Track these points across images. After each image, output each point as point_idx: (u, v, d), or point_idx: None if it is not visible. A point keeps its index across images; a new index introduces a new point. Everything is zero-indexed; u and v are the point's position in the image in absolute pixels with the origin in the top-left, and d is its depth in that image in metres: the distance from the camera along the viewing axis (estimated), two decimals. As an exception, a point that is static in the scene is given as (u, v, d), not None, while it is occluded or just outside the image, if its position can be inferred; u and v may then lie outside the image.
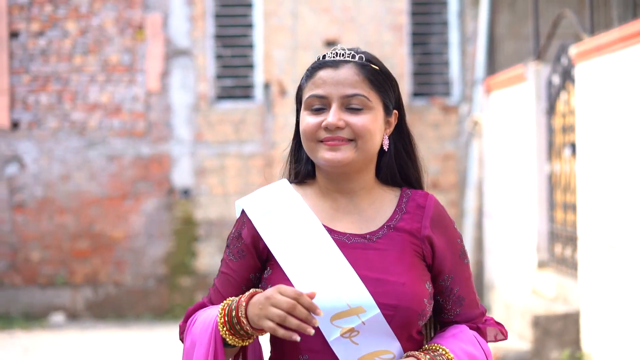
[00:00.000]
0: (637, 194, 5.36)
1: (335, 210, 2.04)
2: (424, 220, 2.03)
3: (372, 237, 2.01)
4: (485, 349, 2.03)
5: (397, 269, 1.96)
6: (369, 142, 1.97)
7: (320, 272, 1.94)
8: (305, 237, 2.00)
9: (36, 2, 9.50)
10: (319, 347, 1.93)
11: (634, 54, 5.40)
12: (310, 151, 2.00)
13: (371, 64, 2.01)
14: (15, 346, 8.26)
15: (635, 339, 5.42)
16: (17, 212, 9.56)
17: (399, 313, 1.93)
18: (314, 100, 1.97)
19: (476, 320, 2.07)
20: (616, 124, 5.68)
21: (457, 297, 2.05)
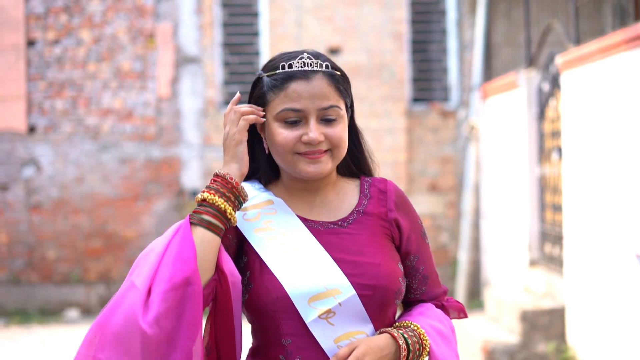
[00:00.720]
0: (618, 196, 5.59)
1: (303, 204, 2.06)
2: (389, 204, 2.07)
3: (343, 224, 2.03)
4: (451, 326, 2.07)
5: (371, 251, 1.99)
6: (343, 150, 2.00)
7: (296, 258, 1.95)
8: (280, 225, 2.00)
9: (52, 12, 9.50)
10: (299, 330, 1.93)
11: (611, 64, 5.63)
12: (288, 164, 1.99)
13: (336, 70, 2.00)
14: (32, 340, 8.28)
15: (615, 332, 5.62)
16: (34, 213, 9.54)
17: (377, 293, 1.95)
18: (289, 114, 1.95)
19: (440, 298, 2.11)
20: (598, 130, 5.88)
21: (422, 276, 2.08)
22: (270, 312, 1.93)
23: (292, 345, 1.94)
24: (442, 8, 9.71)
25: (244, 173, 1.97)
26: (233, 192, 1.93)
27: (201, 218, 1.90)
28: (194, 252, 1.85)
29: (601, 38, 5.92)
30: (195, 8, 9.51)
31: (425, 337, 1.97)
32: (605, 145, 5.75)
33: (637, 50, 5.25)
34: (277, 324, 1.94)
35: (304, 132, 1.96)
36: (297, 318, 1.93)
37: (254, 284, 1.95)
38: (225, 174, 1.94)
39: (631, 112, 5.31)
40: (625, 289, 5.46)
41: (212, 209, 1.91)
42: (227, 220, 1.92)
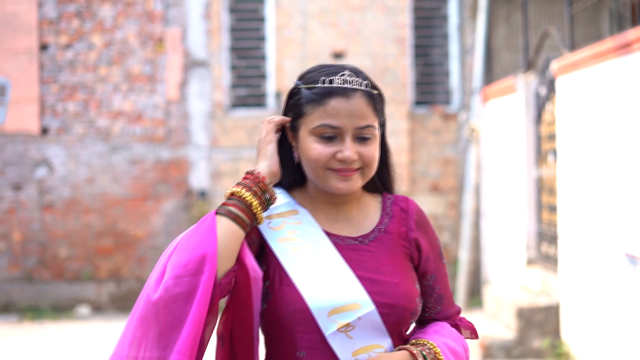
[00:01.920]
0: (610, 197, 5.78)
1: (326, 217, 2.04)
2: (410, 223, 2.06)
3: (364, 240, 2.02)
4: (465, 345, 2.06)
5: (390, 270, 1.98)
6: (374, 169, 2.00)
7: (318, 270, 1.94)
8: (304, 236, 2.00)
9: (64, 17, 9.61)
10: (315, 343, 1.92)
11: (603, 70, 5.83)
12: (319, 178, 1.98)
13: (374, 89, 1.99)
14: (45, 336, 8.41)
15: (607, 328, 5.81)
16: (46, 212, 9.63)
17: (394, 312, 1.94)
18: (326, 129, 1.94)
19: (453, 317, 2.10)
20: (591, 133, 6.07)
21: (438, 295, 2.07)
22: (287, 324, 1.92)
23: (307, 357, 1.93)
24: (444, 13, 9.83)
25: (273, 170, 1.97)
26: (260, 186, 1.93)
27: (228, 210, 1.91)
28: (214, 242, 1.86)
29: (593, 45, 6.09)
30: (203, 13, 9.61)
31: (440, 356, 1.96)
32: (598, 148, 5.93)
33: (627, 57, 5.43)
34: (293, 336, 1.92)
35: (338, 150, 1.94)
36: (313, 331, 1.92)
37: (272, 294, 1.94)
38: (253, 170, 1.96)
39: (622, 116, 5.49)
40: (616, 287, 5.64)
41: (239, 202, 1.92)
42: (253, 215, 1.92)
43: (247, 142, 9.67)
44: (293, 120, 2.00)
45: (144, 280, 9.54)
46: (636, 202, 5.25)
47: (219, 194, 9.69)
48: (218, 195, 9.70)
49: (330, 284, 1.93)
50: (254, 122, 9.68)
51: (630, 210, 5.34)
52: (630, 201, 5.35)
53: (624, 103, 5.45)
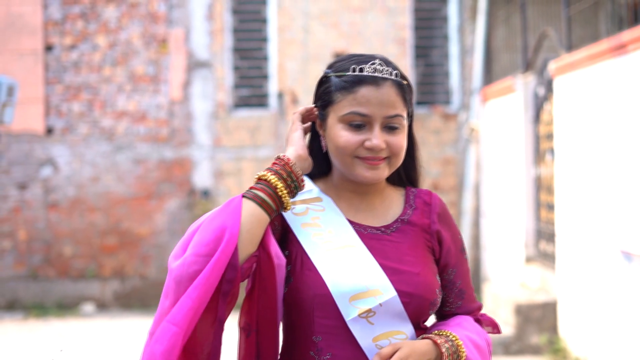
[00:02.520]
0: (605, 195, 5.89)
1: (349, 206, 2.04)
2: (432, 216, 2.05)
3: (386, 230, 2.01)
4: (487, 339, 2.04)
5: (411, 260, 1.98)
6: (401, 159, 2.00)
7: (340, 256, 1.94)
8: (327, 223, 2.00)
9: (69, 18, 9.69)
10: (331, 329, 1.92)
11: (599, 70, 5.94)
12: (346, 166, 1.97)
13: (403, 80, 1.98)
14: (50, 332, 8.47)
15: (604, 324, 5.92)
16: (51, 211, 9.70)
17: (413, 301, 1.93)
18: (355, 117, 1.94)
19: (474, 313, 2.09)
20: (587, 132, 6.18)
21: (459, 290, 2.06)
22: (306, 308, 1.92)
23: (323, 342, 1.93)
24: (444, 14, 9.93)
25: (299, 154, 1.95)
26: (286, 169, 1.92)
27: (255, 194, 1.90)
28: (236, 224, 1.85)
29: (590, 46, 6.21)
30: (206, 14, 9.70)
31: (462, 348, 1.95)
32: (595, 148, 6.04)
33: (622, 58, 5.54)
34: (311, 320, 1.92)
35: (367, 138, 1.94)
36: (331, 316, 1.92)
37: (293, 278, 1.94)
38: (280, 155, 1.96)
39: (618, 116, 5.60)
40: (612, 283, 5.75)
41: (267, 187, 1.91)
42: (279, 199, 1.91)
43: (249, 142, 9.76)
44: (322, 108, 2.00)
45: (147, 278, 9.72)
46: (632, 200, 5.36)
47: (222, 193, 9.76)
48: (221, 195, 9.77)
49: (352, 270, 1.92)
50: (256, 122, 9.77)
51: (626, 208, 5.45)
52: (625, 199, 5.46)
53: (620, 103, 5.55)
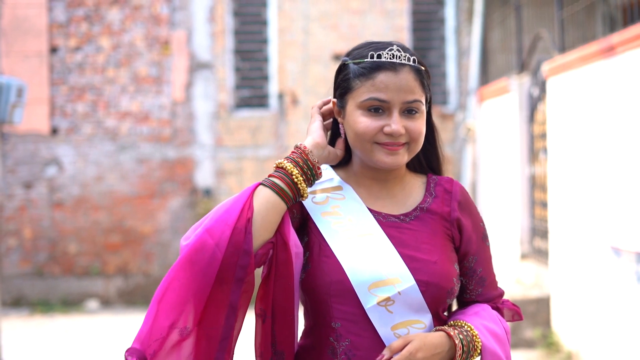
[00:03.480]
0: (596, 192, 6.03)
1: (369, 194, 2.03)
2: (453, 204, 2.02)
3: (405, 218, 1.99)
4: (506, 327, 2.02)
5: (429, 248, 1.95)
6: (420, 144, 1.98)
7: (360, 244, 1.93)
8: (346, 211, 1.99)
9: (73, 21, 9.80)
10: (349, 315, 1.91)
11: (590, 72, 6.08)
12: (365, 152, 1.96)
13: (421, 65, 1.97)
14: (55, 328, 8.60)
15: (595, 318, 6.06)
16: (56, 210, 9.78)
17: (429, 289, 1.91)
18: (374, 102, 1.92)
19: (495, 300, 2.06)
20: (579, 132, 6.32)
21: (479, 277, 2.04)
22: (322, 294, 1.91)
23: (342, 328, 1.92)
24: (441, 16, 10.06)
25: (317, 141, 1.96)
26: (302, 156, 1.92)
27: (272, 181, 1.90)
28: (250, 209, 1.86)
29: (581, 47, 6.35)
30: (208, 17, 9.81)
31: (477, 338, 1.93)
32: (586, 147, 6.18)
33: (611, 59, 5.69)
34: (328, 306, 1.92)
35: (386, 123, 1.92)
36: (349, 303, 1.91)
37: (311, 265, 1.94)
38: (298, 143, 1.97)
39: (608, 116, 5.75)
40: (602, 278, 5.88)
41: (283, 174, 1.91)
42: (295, 188, 1.91)
43: (250, 142, 9.86)
44: (340, 96, 1.99)
45: (150, 276, 9.80)
46: (621, 198, 5.51)
47: (224, 192, 9.85)
48: (222, 193, 9.85)
49: (371, 258, 1.91)
50: (257, 122, 9.87)
51: (616, 205, 5.59)
52: (615, 197, 5.60)
53: (610, 103, 5.70)
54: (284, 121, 9.87)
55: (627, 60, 5.41)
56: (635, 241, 5.31)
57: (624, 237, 5.48)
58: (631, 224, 5.34)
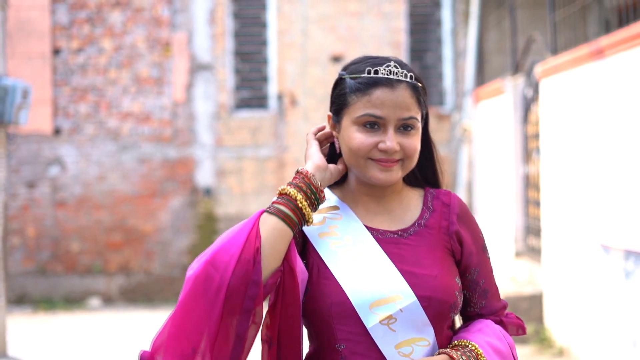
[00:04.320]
0: (586, 191, 6.16)
1: (366, 210, 2.01)
2: (451, 217, 2.00)
3: (403, 234, 1.97)
4: (510, 343, 1.99)
5: (429, 263, 1.93)
6: (414, 161, 1.97)
7: (359, 264, 1.91)
8: (344, 231, 1.97)
9: (76, 23, 9.90)
10: (355, 336, 1.89)
11: (580, 74, 6.21)
12: (359, 167, 1.94)
13: (418, 82, 1.96)
14: (58, 325, 8.69)
15: (585, 314, 6.19)
16: (59, 209, 9.87)
17: (432, 304, 1.89)
18: (369, 119, 1.91)
19: (499, 313, 2.03)
20: (570, 132, 6.45)
21: (482, 289, 2.01)
22: (325, 316, 1.89)
23: (347, 350, 1.89)
24: (438, 18, 10.16)
25: (318, 165, 1.95)
26: (304, 180, 1.91)
27: (277, 208, 1.88)
28: (258, 238, 1.84)
29: (572, 50, 6.48)
30: (208, 19, 9.92)
31: (483, 357, 1.91)
32: (577, 148, 6.31)
33: (600, 62, 5.82)
34: (332, 328, 1.89)
35: (380, 140, 1.91)
36: (351, 324, 1.89)
37: (310, 288, 1.91)
38: (299, 168, 1.95)
39: (598, 117, 5.89)
40: (593, 275, 6.02)
41: (287, 200, 1.89)
42: (301, 215, 1.89)
43: (250, 142, 9.95)
44: (336, 111, 1.98)
45: (152, 274, 9.89)
46: (610, 196, 5.64)
47: (224, 192, 9.94)
48: (223, 193, 9.94)
49: (371, 277, 1.89)
50: (257, 123, 9.97)
51: (605, 204, 5.72)
52: (605, 195, 5.73)
53: (600, 105, 5.83)
54: (283, 122, 9.96)
55: (616, 62, 5.55)
56: (623, 239, 5.44)
57: (613, 235, 5.60)
58: (619, 222, 5.48)
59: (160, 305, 9.78)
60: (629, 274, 5.41)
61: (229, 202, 9.96)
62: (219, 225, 9.98)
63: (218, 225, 9.98)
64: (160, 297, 9.93)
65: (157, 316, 9.13)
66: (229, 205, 9.96)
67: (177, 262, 9.96)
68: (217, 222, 9.96)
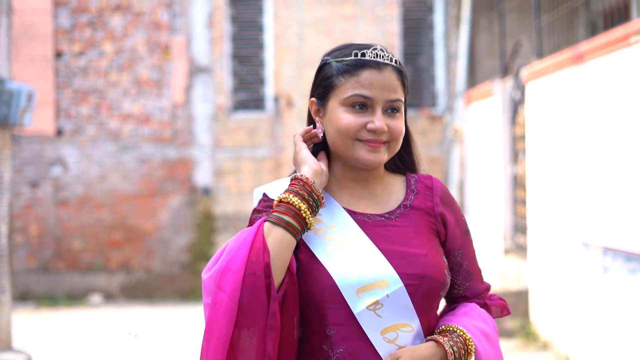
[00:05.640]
0: (568, 190, 6.33)
1: (350, 196, 2.00)
2: (435, 199, 2.00)
3: (390, 216, 1.97)
4: (494, 325, 2.00)
5: (417, 242, 1.93)
6: (399, 144, 1.96)
7: (344, 249, 1.90)
8: (327, 218, 1.95)
9: (78, 27, 10.01)
10: (344, 320, 1.87)
11: (563, 77, 6.41)
12: (347, 148, 1.93)
13: (402, 68, 1.97)
14: (60, 321, 8.79)
15: (568, 309, 6.37)
16: (61, 208, 9.97)
17: (423, 283, 1.89)
18: (358, 99, 1.90)
19: (482, 295, 2.04)
20: (554, 134, 6.63)
21: (466, 271, 2.01)
22: (317, 301, 1.88)
23: (336, 335, 1.89)
24: (430, 22, 10.32)
25: (314, 169, 1.92)
26: (306, 188, 1.88)
27: (282, 218, 1.85)
28: (267, 254, 1.82)
29: (555, 54, 6.68)
30: (206, 23, 10.05)
31: (470, 342, 1.91)
32: (559, 149, 6.49)
33: (580, 66, 6.02)
34: (323, 313, 1.88)
35: (369, 120, 1.91)
36: (343, 308, 1.88)
37: (302, 273, 1.89)
38: (298, 175, 1.92)
39: (579, 119, 6.08)
40: (574, 272, 6.20)
41: (289, 208, 1.86)
42: (303, 221, 1.87)
43: (247, 142, 10.07)
44: (322, 95, 1.96)
45: (152, 271, 9.99)
46: (590, 196, 5.83)
47: (222, 191, 10.05)
48: (221, 192, 10.04)
49: (358, 263, 1.88)
50: (254, 124, 10.10)
51: (585, 203, 5.91)
52: (585, 195, 5.92)
53: (580, 108, 6.01)
54: (279, 123, 10.06)
55: (595, 67, 5.75)
56: (601, 236, 5.64)
57: (592, 232, 5.79)
58: (598, 220, 5.68)
59: (160, 302, 9.86)
60: (606, 269, 5.60)
61: (226, 201, 10.02)
62: (217, 224, 10.04)
63: (216, 224, 10.04)
64: (159, 294, 10.01)
65: (156, 312, 9.22)
66: (226, 204, 10.02)
67: (176, 259, 10.03)
68: (215, 220, 10.03)
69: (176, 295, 10.02)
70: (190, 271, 10.05)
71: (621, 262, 5.34)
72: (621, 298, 5.35)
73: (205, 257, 10.02)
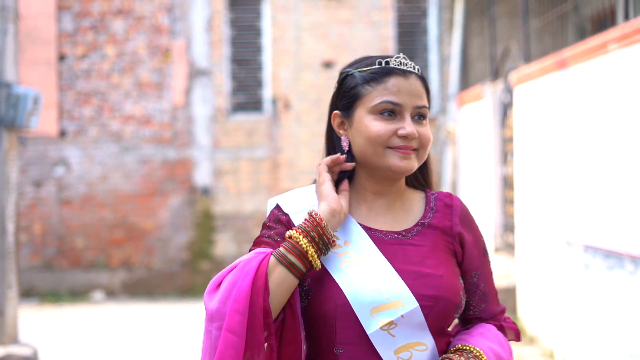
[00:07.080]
0: (552, 190, 6.48)
1: (369, 210, 1.95)
2: (454, 218, 1.95)
3: (407, 234, 1.92)
4: (509, 349, 1.95)
5: (434, 263, 1.88)
6: (427, 151, 1.93)
7: (359, 267, 1.85)
8: (343, 235, 1.90)
9: (80, 30, 10.08)
10: (353, 339, 1.83)
11: (547, 82, 6.57)
12: (378, 157, 1.88)
13: (424, 76, 1.95)
14: (64, 317, 8.85)
15: (553, 306, 6.53)
16: (64, 207, 10.03)
17: (438, 304, 1.83)
18: (387, 106, 1.87)
19: (498, 317, 1.99)
20: (539, 136, 6.78)
21: (482, 293, 1.97)
22: (329, 318, 1.83)
23: (344, 354, 1.84)
24: (424, 27, 10.44)
25: (333, 208, 1.86)
26: (317, 230, 1.82)
27: (285, 256, 1.81)
28: (267, 295, 1.80)
29: (540, 60, 6.86)
30: (206, 27, 10.14)
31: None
32: (544, 151, 6.65)
33: (563, 72, 6.20)
34: (333, 331, 1.84)
35: (399, 127, 1.87)
36: (354, 327, 1.83)
37: (313, 290, 1.85)
38: (312, 212, 1.85)
39: (562, 123, 6.25)
40: (558, 269, 6.36)
41: (295, 248, 1.82)
42: (308, 263, 1.82)
43: (245, 143, 10.15)
44: (347, 106, 1.92)
45: (152, 269, 10.06)
46: (572, 196, 5.98)
47: (221, 191, 10.12)
48: (220, 192, 10.11)
49: (372, 281, 1.83)
50: (252, 125, 10.18)
51: (568, 203, 6.07)
52: (568, 195, 6.08)
53: (564, 112, 6.17)
54: (277, 124, 10.13)
55: (577, 73, 5.93)
56: (583, 235, 5.80)
57: (575, 231, 5.94)
58: (580, 219, 5.85)
59: (160, 299, 9.91)
60: (587, 266, 5.76)
61: (225, 201, 10.05)
62: (216, 223, 10.07)
63: (215, 223, 10.07)
64: (160, 291, 10.06)
65: (156, 309, 9.27)
66: (225, 204, 10.06)
67: (176, 257, 10.06)
68: (214, 219, 10.05)
69: (176, 292, 10.06)
70: (190, 269, 10.08)
71: (601, 259, 5.48)
72: (601, 293, 5.53)
73: (204, 255, 10.04)
